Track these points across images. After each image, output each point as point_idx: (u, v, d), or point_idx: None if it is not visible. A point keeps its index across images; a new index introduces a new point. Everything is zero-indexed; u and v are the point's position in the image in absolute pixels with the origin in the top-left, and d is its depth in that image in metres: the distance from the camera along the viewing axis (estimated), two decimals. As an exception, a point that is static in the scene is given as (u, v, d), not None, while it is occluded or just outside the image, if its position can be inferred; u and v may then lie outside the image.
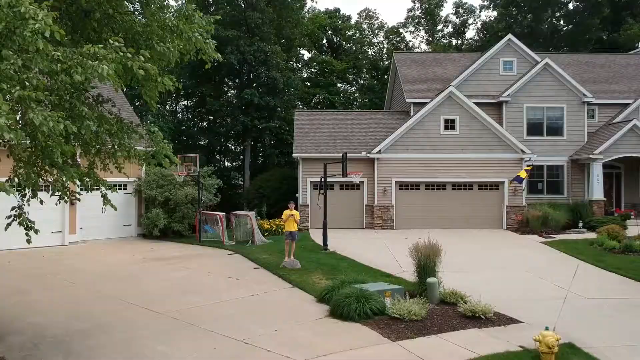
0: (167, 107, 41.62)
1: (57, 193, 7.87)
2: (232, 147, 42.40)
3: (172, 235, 20.91)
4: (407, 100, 24.74)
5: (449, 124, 22.56)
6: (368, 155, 22.27)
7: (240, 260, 16.48)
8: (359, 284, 11.66)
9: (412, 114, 24.73)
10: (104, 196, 9.32)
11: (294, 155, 22.95)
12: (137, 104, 35.43)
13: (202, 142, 40.19)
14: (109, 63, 6.37)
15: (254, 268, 15.24)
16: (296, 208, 22.75)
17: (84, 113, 7.36)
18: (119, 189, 21.43)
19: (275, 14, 37.36)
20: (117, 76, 6.76)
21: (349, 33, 49.72)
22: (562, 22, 43.92)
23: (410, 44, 47.83)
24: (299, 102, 44.29)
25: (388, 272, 14.36)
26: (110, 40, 6.71)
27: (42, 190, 8.46)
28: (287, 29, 39.80)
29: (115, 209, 9.31)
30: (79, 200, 9.03)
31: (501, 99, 24.13)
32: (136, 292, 12.28)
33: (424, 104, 24.38)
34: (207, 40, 8.18)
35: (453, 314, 10.48)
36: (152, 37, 7.76)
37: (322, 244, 17.80)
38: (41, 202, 8.06)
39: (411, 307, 10.22)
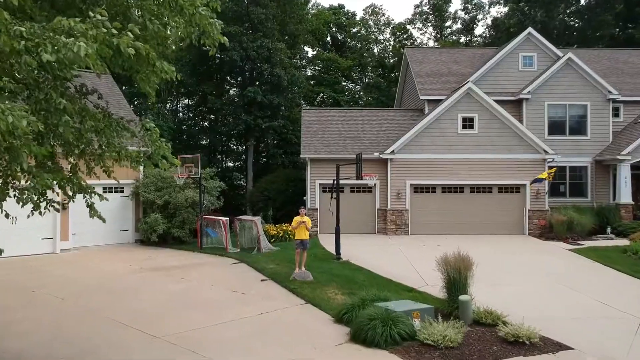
0: (168, 105, 40.38)
1: (29, 203, 6.48)
2: (234, 147, 41.07)
3: (172, 241, 19.57)
4: (421, 97, 23.37)
5: (467, 123, 21.17)
6: (381, 156, 20.89)
7: (246, 270, 15.14)
8: (382, 301, 10.36)
9: (426, 111, 23.38)
10: (90, 206, 7.96)
11: (301, 155, 21.59)
12: (135, 102, 34.14)
13: (204, 142, 38.93)
14: (89, 41, 5.03)
15: (261, 280, 13.89)
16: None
17: (61, 106, 6.03)
18: (115, 191, 20.16)
19: (279, 10, 36.05)
20: (100, 57, 5.42)
21: (353, 30, 48.45)
22: (573, 18, 42.53)
23: (418, 40, 46.48)
24: (302, 102, 43.02)
25: (410, 285, 13.03)
26: (90, 12, 5.36)
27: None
28: (291, 25, 38.48)
29: (104, 220, 7.97)
30: (57, 210, 7.62)
31: (521, 96, 22.75)
32: (130, 309, 10.95)
33: (438, 102, 23.01)
34: (212, 20, 6.82)
35: (492, 339, 9.16)
36: (145, 14, 6.39)
37: (334, 253, 16.44)
38: (7, 215, 6.70)
39: (446, 332, 8.88)
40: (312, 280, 13.38)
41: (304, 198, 23.07)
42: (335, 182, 16.11)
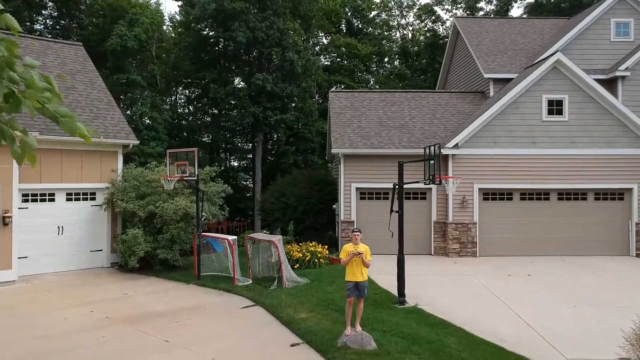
0: (167, 100, 35.38)
1: None
2: (240, 145, 35.91)
3: (159, 266, 14.36)
4: (485, 74, 18.09)
5: (554, 107, 15.92)
6: (441, 150, 15.56)
7: (264, 323, 9.91)
8: None
9: (491, 93, 18.17)
10: None
11: (332, 150, 16.33)
12: (128, 94, 28.95)
13: (205, 139, 33.98)
14: None
15: (291, 345, 8.66)
16: (333, 226, 16.43)
17: None
18: (84, 198, 14.99)
19: (291, -13, 30.90)
20: None
21: (372, 14, 43.30)
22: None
23: (448, 23, 41.23)
24: (317, 96, 38.02)
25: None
26: None
27: None
28: (305, 4, 33.29)
29: None
30: None
31: (617, 73, 17.42)
32: None
33: (506, 81, 17.91)
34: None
35: None
36: None
37: (391, 290, 11.24)
38: None
39: None
40: (374, 348, 8.21)
41: (334, 207, 17.90)
42: (396, 187, 10.91)
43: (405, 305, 10.51)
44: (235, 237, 13.41)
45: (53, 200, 14.41)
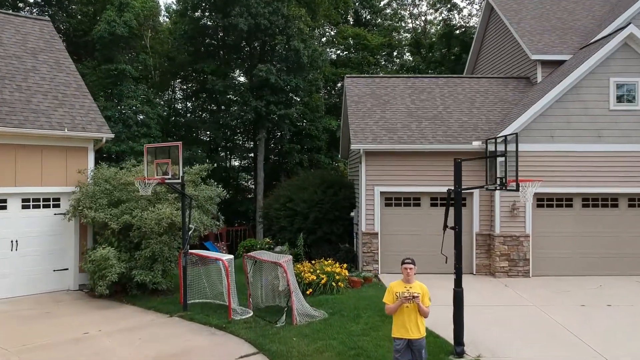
0: (163, 95, 32.61)
1: None
2: (240, 143, 33.11)
3: (137, 291, 11.48)
4: (532, 56, 15.12)
5: (625, 93, 12.99)
6: (486, 147, 12.71)
7: (270, 385, 7.03)
8: None
9: (538, 79, 15.26)
10: None
11: (352, 146, 13.39)
12: (118, 85, 26.04)
13: (204, 137, 31.26)
14: None
15: None
16: (350, 237, 13.67)
17: None
18: (45, 205, 12.13)
19: (296, -30, 28.13)
20: None
21: (382, 3, 40.49)
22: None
23: (465, 11, 38.41)
24: (324, 90, 35.19)
25: None
26: None
27: None
28: (311, -9, 30.45)
29: None
30: None
31: (692, 54, 14.47)
32: None
33: (556, 63, 15.07)
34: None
35: None
36: None
37: (443, 333, 8.34)
38: None
39: None
40: None
41: (351, 214, 14.98)
42: (451, 193, 8.01)
43: (465, 359, 7.60)
44: (232, 256, 10.51)
45: (4, 207, 11.53)
